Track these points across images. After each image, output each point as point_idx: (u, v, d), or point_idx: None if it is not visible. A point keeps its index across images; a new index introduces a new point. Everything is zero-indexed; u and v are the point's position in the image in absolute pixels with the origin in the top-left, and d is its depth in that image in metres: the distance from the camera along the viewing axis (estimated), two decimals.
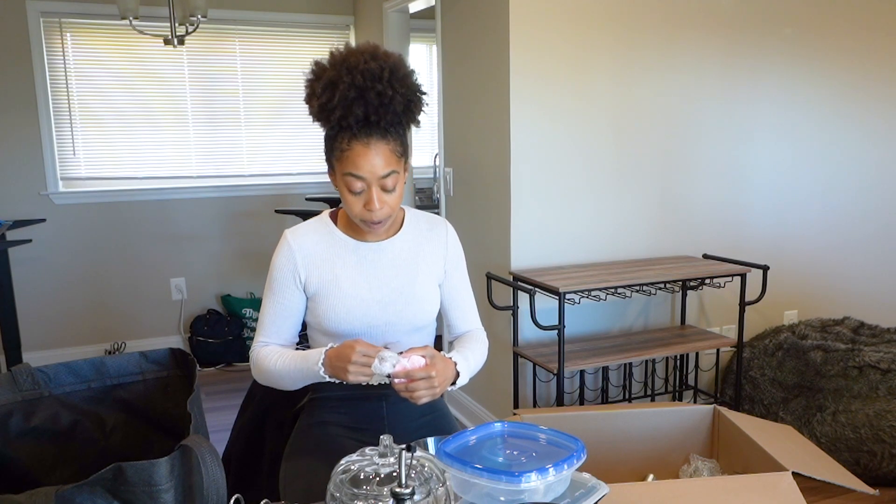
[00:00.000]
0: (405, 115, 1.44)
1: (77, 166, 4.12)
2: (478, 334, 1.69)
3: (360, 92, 1.38)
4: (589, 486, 1.15)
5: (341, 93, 1.38)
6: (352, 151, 1.42)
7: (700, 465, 1.56)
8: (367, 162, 1.41)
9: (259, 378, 1.56)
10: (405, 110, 1.44)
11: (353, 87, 1.38)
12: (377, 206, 1.44)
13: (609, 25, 2.85)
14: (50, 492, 0.85)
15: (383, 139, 1.42)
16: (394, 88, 1.39)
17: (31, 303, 4.06)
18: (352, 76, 1.38)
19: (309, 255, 1.53)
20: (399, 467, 0.95)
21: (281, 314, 1.55)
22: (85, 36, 4.05)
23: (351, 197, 1.45)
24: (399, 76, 1.41)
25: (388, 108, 1.40)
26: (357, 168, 1.42)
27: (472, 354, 1.59)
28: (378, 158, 1.42)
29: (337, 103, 1.39)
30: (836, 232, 3.48)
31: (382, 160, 1.42)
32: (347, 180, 1.44)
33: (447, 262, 1.64)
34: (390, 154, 1.44)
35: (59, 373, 1.19)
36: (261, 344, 1.56)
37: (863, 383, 2.77)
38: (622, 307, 3.06)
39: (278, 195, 4.53)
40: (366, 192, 1.44)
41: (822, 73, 3.30)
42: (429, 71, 4.82)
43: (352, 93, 1.38)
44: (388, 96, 1.39)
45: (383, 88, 1.38)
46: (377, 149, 1.42)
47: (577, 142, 2.87)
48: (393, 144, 1.44)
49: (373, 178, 1.43)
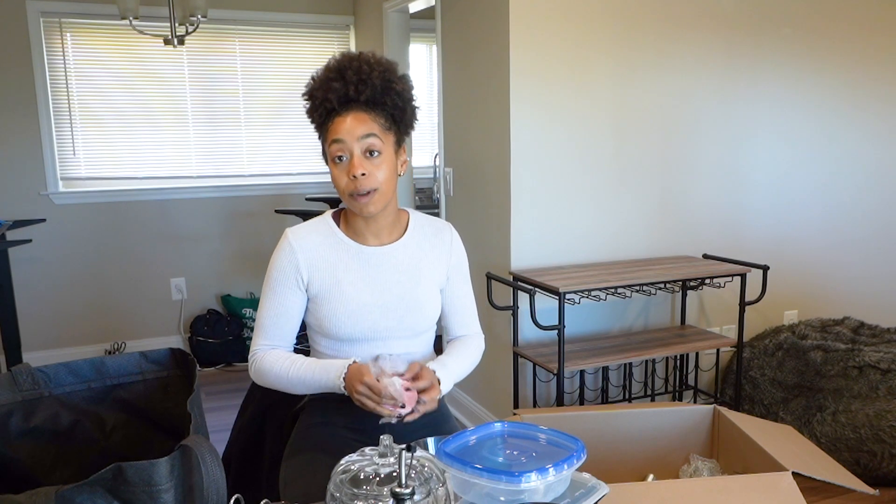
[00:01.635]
0: (386, 93, 1.48)
1: (77, 166, 4.12)
2: (470, 340, 1.69)
3: (340, 72, 1.47)
4: (589, 486, 1.15)
5: (322, 76, 1.48)
6: (333, 124, 1.47)
7: (700, 465, 1.56)
8: (346, 126, 1.46)
9: (260, 381, 1.56)
10: (385, 88, 1.47)
11: (334, 70, 1.47)
12: (359, 171, 1.44)
13: (609, 26, 2.85)
14: (50, 492, 0.85)
15: (364, 111, 1.47)
16: (371, 66, 1.46)
17: (31, 303, 4.06)
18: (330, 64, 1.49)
19: (311, 257, 1.53)
20: (399, 467, 0.95)
21: (282, 315, 1.54)
22: (85, 36, 4.05)
23: (337, 171, 1.48)
24: (379, 60, 1.49)
25: (366, 83, 1.45)
26: (336, 133, 1.46)
27: (452, 361, 1.59)
28: (357, 122, 1.46)
29: (318, 85, 1.48)
30: (836, 232, 3.48)
31: (361, 125, 1.46)
32: (331, 150, 1.47)
33: (450, 268, 1.64)
34: (371, 122, 1.47)
35: (59, 373, 1.19)
36: (265, 347, 1.55)
37: (863, 383, 2.77)
38: (622, 307, 3.06)
39: (278, 195, 4.53)
40: (349, 160, 1.46)
41: (822, 72, 3.30)
42: (429, 71, 4.82)
43: (331, 74, 1.47)
44: (365, 72, 1.45)
45: (360, 65, 1.46)
46: (357, 115, 1.47)
47: (577, 142, 2.87)
48: (374, 115, 1.47)
49: (352, 140, 1.45)
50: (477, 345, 1.69)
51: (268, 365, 1.52)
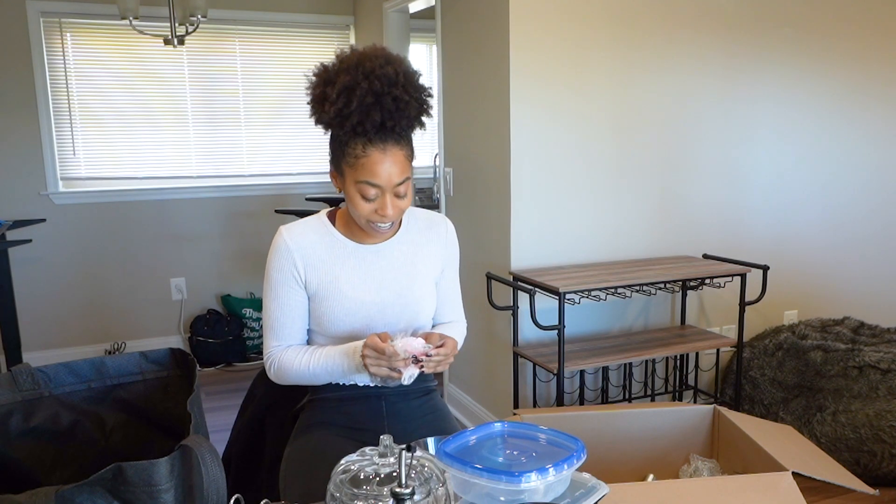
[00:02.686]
0: (417, 119, 1.45)
1: (77, 166, 4.12)
2: (455, 325, 1.72)
3: (378, 97, 1.37)
4: (589, 486, 1.15)
5: (359, 98, 1.37)
6: (368, 159, 1.41)
7: (700, 465, 1.56)
8: (385, 170, 1.41)
9: (282, 381, 1.56)
10: (417, 115, 1.44)
11: (371, 93, 1.37)
12: (390, 213, 1.44)
13: (609, 25, 2.85)
14: (50, 492, 0.85)
15: (398, 145, 1.43)
16: (409, 94, 1.40)
17: (31, 303, 4.06)
18: (369, 81, 1.37)
19: (307, 256, 1.53)
20: (399, 467, 0.95)
21: (288, 314, 1.54)
22: (85, 36, 4.05)
23: (362, 203, 1.45)
24: (413, 82, 1.43)
25: (403, 113, 1.40)
26: (374, 176, 1.41)
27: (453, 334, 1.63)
28: (395, 167, 1.42)
29: (354, 109, 1.37)
30: (836, 232, 3.48)
31: (398, 168, 1.42)
32: (362, 188, 1.43)
33: (445, 261, 1.65)
34: (404, 160, 1.44)
35: (59, 373, 1.19)
36: (278, 348, 1.55)
37: (863, 383, 2.77)
38: (622, 307, 3.06)
39: (278, 195, 4.53)
40: (380, 198, 1.44)
41: (822, 72, 3.30)
42: (429, 71, 4.82)
43: (369, 98, 1.37)
44: (404, 101, 1.39)
45: (400, 94, 1.38)
46: (393, 156, 1.42)
47: (577, 142, 2.87)
48: (406, 150, 1.45)
49: (389, 186, 1.43)
50: (460, 331, 1.73)
51: (286, 364, 1.53)
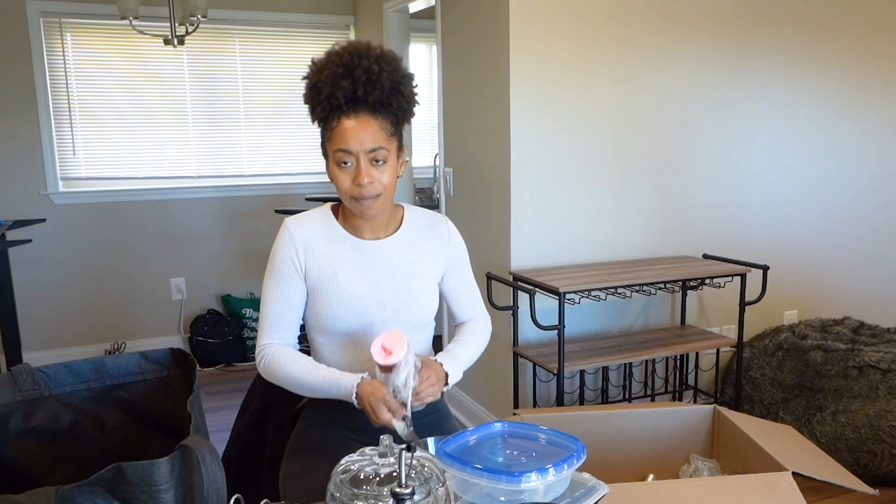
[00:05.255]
0: (393, 95, 1.46)
1: (77, 166, 4.12)
2: (476, 323, 1.72)
3: (348, 69, 1.42)
4: (589, 486, 1.15)
5: (329, 70, 1.43)
6: (341, 127, 1.44)
7: (700, 465, 1.56)
8: (355, 136, 1.43)
9: (269, 377, 1.55)
10: (392, 90, 1.45)
11: (341, 65, 1.42)
12: (365, 180, 1.44)
13: (609, 25, 2.85)
14: (50, 492, 0.85)
15: (371, 115, 1.45)
16: (380, 66, 1.43)
17: (31, 303, 4.06)
18: (339, 56, 1.43)
19: (309, 245, 1.53)
20: (399, 467, 0.95)
21: (285, 305, 1.54)
22: (85, 36, 4.05)
23: (340, 173, 1.47)
24: (387, 57, 1.45)
25: (375, 83, 1.42)
26: (345, 142, 1.44)
27: (459, 349, 1.62)
28: (366, 132, 1.44)
29: (325, 80, 1.43)
30: (835, 232, 3.48)
31: (370, 134, 1.44)
32: (337, 156, 1.46)
33: (449, 261, 1.65)
34: (378, 130, 1.45)
35: (59, 373, 1.19)
36: (272, 345, 1.55)
37: (863, 383, 2.77)
38: (622, 307, 3.06)
39: (278, 195, 4.53)
40: (354, 166, 1.45)
41: (822, 73, 3.30)
42: (429, 71, 4.82)
43: (339, 70, 1.42)
44: (374, 72, 1.42)
45: (370, 65, 1.42)
46: (366, 123, 1.44)
47: (577, 142, 2.87)
48: (381, 121, 1.46)
49: (360, 151, 1.44)
50: (483, 327, 1.72)
51: (277, 365, 1.52)
